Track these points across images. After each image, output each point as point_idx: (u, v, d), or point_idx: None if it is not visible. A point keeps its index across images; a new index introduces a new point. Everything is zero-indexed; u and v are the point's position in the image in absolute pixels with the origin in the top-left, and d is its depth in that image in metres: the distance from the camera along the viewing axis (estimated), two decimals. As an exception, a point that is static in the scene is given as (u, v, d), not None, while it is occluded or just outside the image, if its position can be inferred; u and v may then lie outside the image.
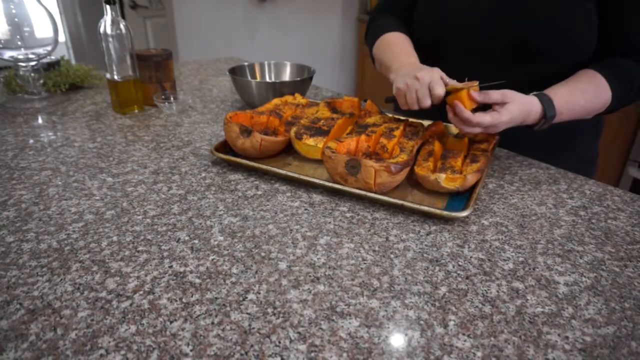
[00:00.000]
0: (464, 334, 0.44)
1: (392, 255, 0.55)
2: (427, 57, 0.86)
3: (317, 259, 0.54)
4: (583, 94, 0.74)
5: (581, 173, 0.80)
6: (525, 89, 0.74)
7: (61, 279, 0.49)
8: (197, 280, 0.50)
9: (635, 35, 0.75)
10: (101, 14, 0.94)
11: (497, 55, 0.81)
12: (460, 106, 0.69)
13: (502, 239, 0.59)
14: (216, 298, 0.47)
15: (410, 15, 0.94)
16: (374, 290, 0.49)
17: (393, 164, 0.63)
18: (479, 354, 0.41)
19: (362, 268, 0.52)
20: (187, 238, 0.57)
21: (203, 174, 0.75)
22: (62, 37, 3.42)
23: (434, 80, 0.71)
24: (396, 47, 0.88)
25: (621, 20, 0.75)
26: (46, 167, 0.76)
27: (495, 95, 0.70)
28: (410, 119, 0.90)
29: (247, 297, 0.47)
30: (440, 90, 0.71)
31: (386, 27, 0.94)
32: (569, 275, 0.53)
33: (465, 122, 0.70)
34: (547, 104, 0.72)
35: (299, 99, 0.97)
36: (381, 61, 0.91)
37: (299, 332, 0.43)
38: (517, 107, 0.70)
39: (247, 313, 0.45)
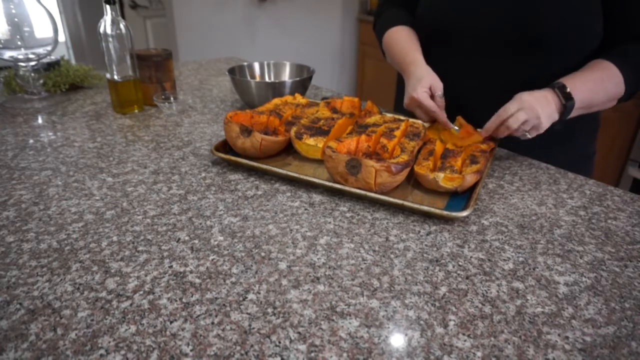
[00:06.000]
0: (464, 334, 0.44)
1: (392, 255, 0.55)
2: (431, 50, 0.89)
3: (317, 259, 0.54)
4: (598, 83, 0.74)
5: (579, 169, 0.80)
6: (529, 87, 0.75)
7: (61, 279, 0.49)
8: (197, 280, 0.50)
9: None
10: (101, 14, 0.94)
11: (501, 48, 0.81)
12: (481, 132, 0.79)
13: (502, 239, 0.59)
14: (216, 298, 0.47)
15: (414, 5, 0.96)
16: (374, 290, 0.49)
17: (394, 164, 0.63)
18: (479, 354, 0.41)
19: (362, 268, 0.52)
20: (187, 238, 0.57)
21: (203, 174, 0.75)
22: (62, 37, 3.42)
23: (420, 102, 0.80)
24: (399, 48, 0.92)
25: (626, 8, 0.75)
26: (46, 167, 0.76)
27: (492, 120, 0.76)
28: (411, 119, 0.89)
29: (247, 297, 0.47)
30: (429, 109, 0.80)
31: (393, 20, 0.97)
32: (569, 275, 0.53)
33: (491, 134, 0.77)
34: (561, 90, 0.73)
35: (299, 99, 0.97)
36: (392, 58, 0.96)
37: (299, 332, 0.43)
38: (521, 96, 0.73)
39: (247, 313, 0.45)
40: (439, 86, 0.81)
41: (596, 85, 0.74)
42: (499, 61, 0.83)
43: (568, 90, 0.72)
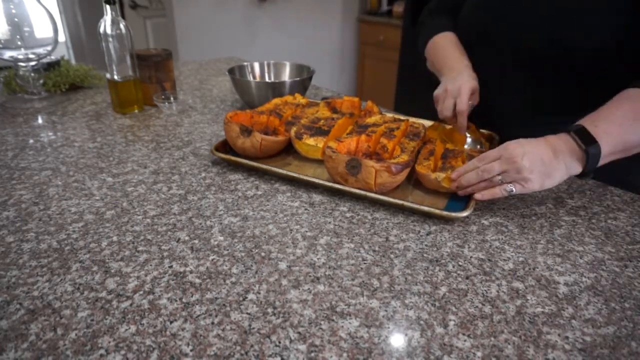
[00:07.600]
0: (464, 334, 0.44)
1: (392, 255, 0.55)
2: (469, 54, 0.86)
3: (317, 259, 0.54)
4: (629, 116, 0.61)
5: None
6: (559, 96, 0.73)
7: (61, 279, 0.49)
8: (197, 280, 0.50)
9: None
10: (101, 14, 0.94)
11: (535, 60, 0.78)
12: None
13: (502, 239, 0.59)
14: (216, 298, 0.47)
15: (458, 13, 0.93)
16: (374, 290, 0.49)
17: (394, 164, 0.63)
18: (479, 354, 0.41)
19: (362, 268, 0.52)
20: (187, 238, 0.57)
21: (203, 174, 0.75)
22: (62, 37, 3.42)
23: (459, 95, 0.75)
24: (445, 51, 0.90)
25: None
26: (46, 167, 0.76)
27: (468, 165, 0.65)
28: (411, 119, 0.89)
29: (247, 297, 0.47)
30: (460, 107, 0.74)
31: (437, 28, 0.94)
32: (569, 275, 0.53)
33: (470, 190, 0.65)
34: (579, 133, 0.60)
35: (299, 99, 0.97)
36: (433, 63, 0.93)
37: (299, 332, 0.43)
38: (508, 144, 0.62)
39: (247, 313, 0.45)
40: (476, 95, 0.78)
41: (627, 119, 0.60)
42: (533, 74, 0.79)
43: (588, 130, 0.59)
